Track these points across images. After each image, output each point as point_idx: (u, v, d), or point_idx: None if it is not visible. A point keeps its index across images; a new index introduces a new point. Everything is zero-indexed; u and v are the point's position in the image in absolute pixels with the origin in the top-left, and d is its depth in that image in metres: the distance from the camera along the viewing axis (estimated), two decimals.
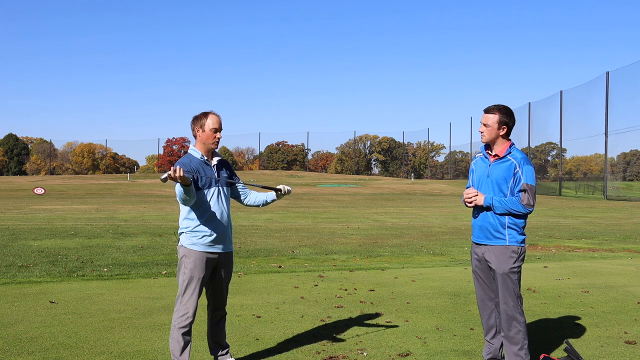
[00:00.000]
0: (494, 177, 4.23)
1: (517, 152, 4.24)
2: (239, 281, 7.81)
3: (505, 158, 4.23)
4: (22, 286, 7.45)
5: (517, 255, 4.18)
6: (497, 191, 4.20)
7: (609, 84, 43.98)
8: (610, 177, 49.03)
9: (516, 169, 4.16)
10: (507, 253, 4.18)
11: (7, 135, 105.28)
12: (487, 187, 4.26)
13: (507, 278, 4.16)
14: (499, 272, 4.18)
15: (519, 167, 4.15)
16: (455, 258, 10.91)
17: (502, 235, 4.19)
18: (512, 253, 4.18)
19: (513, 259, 4.17)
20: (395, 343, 4.98)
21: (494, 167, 4.25)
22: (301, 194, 44.36)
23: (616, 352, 4.77)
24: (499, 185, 4.20)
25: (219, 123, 4.25)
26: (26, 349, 4.73)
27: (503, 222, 4.19)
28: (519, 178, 4.15)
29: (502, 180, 4.19)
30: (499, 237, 4.20)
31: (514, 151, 4.25)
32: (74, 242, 12.68)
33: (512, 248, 4.18)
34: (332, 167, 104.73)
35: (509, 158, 4.22)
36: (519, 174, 4.15)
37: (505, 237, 4.19)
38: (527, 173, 4.14)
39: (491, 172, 4.26)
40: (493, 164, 4.27)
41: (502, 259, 4.18)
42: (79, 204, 29.82)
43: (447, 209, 27.94)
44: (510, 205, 4.13)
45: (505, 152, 4.25)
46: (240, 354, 4.67)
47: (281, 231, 15.91)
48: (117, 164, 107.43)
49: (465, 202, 4.36)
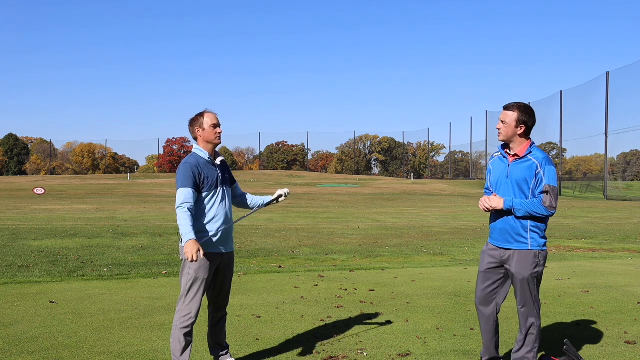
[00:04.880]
0: (514, 178, 4.05)
1: (538, 152, 4.05)
2: (239, 281, 7.81)
3: (526, 158, 4.04)
4: (22, 286, 7.45)
5: (538, 260, 4.05)
6: (518, 192, 4.03)
7: (609, 83, 44.00)
8: (610, 177, 49.02)
9: (538, 170, 3.97)
10: (530, 258, 4.03)
11: (7, 135, 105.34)
12: (506, 188, 4.08)
13: (527, 283, 4.03)
14: (519, 277, 4.03)
15: (541, 167, 3.97)
16: (455, 258, 10.91)
17: (525, 239, 4.04)
18: (534, 258, 4.03)
19: (535, 264, 4.03)
20: (395, 343, 4.98)
21: (514, 167, 4.07)
22: (301, 194, 44.35)
23: (616, 352, 4.76)
24: (519, 186, 4.03)
25: (217, 119, 4.25)
26: (26, 349, 4.73)
27: (525, 225, 4.03)
28: (541, 179, 3.96)
29: (522, 181, 4.02)
30: (521, 240, 4.04)
31: (534, 151, 4.06)
32: (74, 242, 12.68)
33: (534, 252, 4.03)
34: (332, 167, 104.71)
35: (529, 158, 4.02)
36: (540, 175, 3.96)
37: (528, 241, 4.03)
38: (550, 174, 3.96)
39: (511, 172, 4.08)
40: (512, 164, 4.08)
41: (524, 265, 4.03)
42: (79, 204, 29.81)
43: (447, 209, 27.94)
44: (532, 208, 3.95)
45: (525, 152, 4.05)
46: (240, 354, 4.67)
47: (281, 231, 15.91)
48: (117, 164, 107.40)
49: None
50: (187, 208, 3.98)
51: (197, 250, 3.84)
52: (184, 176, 4.06)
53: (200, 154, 4.23)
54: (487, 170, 4.39)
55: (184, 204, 3.99)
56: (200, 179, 4.11)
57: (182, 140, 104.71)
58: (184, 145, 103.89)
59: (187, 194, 4.02)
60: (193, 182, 4.05)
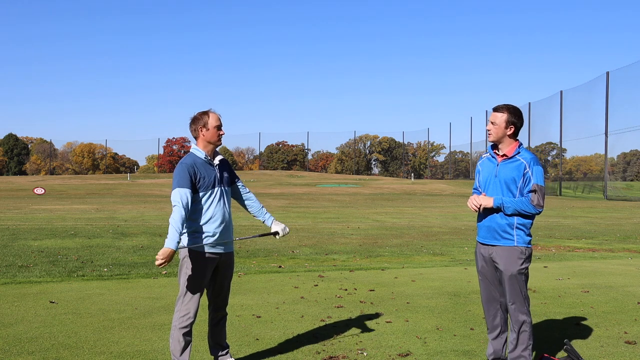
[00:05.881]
0: (502, 177, 4.19)
1: (526, 153, 4.20)
2: (239, 281, 7.81)
3: (514, 158, 4.19)
4: (22, 286, 7.46)
5: (525, 257, 4.16)
6: (506, 191, 4.16)
7: (609, 84, 43.96)
8: (610, 177, 49.03)
9: (526, 169, 4.12)
10: (516, 254, 4.15)
11: (7, 135, 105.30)
12: (495, 187, 4.22)
13: (515, 279, 4.14)
14: (507, 273, 4.15)
15: (529, 167, 4.12)
16: (455, 258, 10.91)
17: (510, 236, 4.16)
18: (520, 254, 4.15)
19: (521, 260, 4.15)
20: (395, 343, 4.98)
21: (503, 167, 4.21)
22: (301, 194, 44.35)
23: (616, 352, 4.77)
24: (507, 186, 4.16)
25: (220, 120, 4.26)
26: (26, 349, 4.73)
27: (511, 222, 4.15)
28: (529, 178, 4.11)
29: (510, 181, 4.15)
30: (507, 237, 4.17)
31: (523, 151, 4.21)
32: (74, 242, 12.68)
33: (520, 249, 4.15)
34: (332, 167, 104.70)
35: (518, 158, 4.18)
36: (528, 174, 4.12)
37: (514, 238, 4.16)
38: (537, 174, 4.11)
39: (499, 172, 4.22)
40: (501, 164, 4.23)
41: (511, 261, 4.15)
42: (79, 204, 29.81)
43: (447, 209, 27.94)
44: (520, 206, 4.09)
45: (514, 152, 4.21)
46: (240, 354, 4.67)
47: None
48: (117, 164, 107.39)
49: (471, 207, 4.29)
50: (181, 209, 4.01)
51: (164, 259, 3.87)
52: (179, 176, 4.09)
53: (197, 154, 4.23)
54: (476, 170, 4.50)
55: (177, 204, 4.02)
56: (196, 179, 4.12)
57: (182, 140, 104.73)
58: (184, 145, 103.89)
59: (182, 194, 4.04)
60: (189, 183, 4.07)
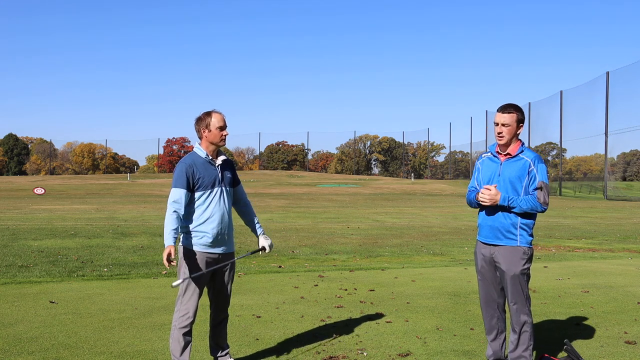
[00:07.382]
0: (507, 176, 4.17)
1: (529, 152, 4.21)
2: (239, 281, 7.81)
3: (519, 157, 4.19)
4: (22, 286, 7.46)
5: (527, 257, 4.15)
6: (511, 190, 4.15)
7: (609, 83, 43.94)
8: (610, 177, 49.03)
9: (531, 167, 4.13)
10: (518, 254, 4.13)
11: (7, 135, 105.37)
12: (499, 186, 4.19)
13: (517, 279, 4.13)
14: (509, 273, 4.13)
15: (534, 165, 4.13)
16: (455, 258, 10.91)
17: (514, 236, 4.15)
18: (523, 254, 4.14)
19: (524, 260, 4.14)
20: (395, 343, 4.98)
21: (507, 166, 4.20)
22: (301, 194, 44.35)
23: (616, 352, 4.77)
24: (512, 184, 4.15)
25: (224, 121, 4.25)
26: (26, 349, 4.73)
27: (515, 222, 4.14)
28: (534, 176, 4.12)
29: (516, 179, 4.14)
30: (511, 237, 4.15)
31: (526, 150, 4.22)
32: (74, 242, 12.68)
33: (523, 249, 4.14)
34: (332, 167, 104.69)
35: (522, 157, 4.18)
36: (533, 172, 4.12)
37: (517, 238, 4.14)
38: (542, 171, 4.13)
39: (503, 170, 4.20)
40: (505, 163, 4.22)
41: (513, 261, 4.13)
42: (79, 204, 29.81)
43: (447, 209, 27.94)
44: (528, 204, 4.09)
45: (517, 151, 4.21)
46: (240, 354, 4.67)
47: (281, 231, 15.91)
48: (117, 164, 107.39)
49: (479, 200, 4.20)
50: (175, 209, 4.06)
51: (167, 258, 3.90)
52: (177, 176, 4.14)
53: (198, 153, 4.24)
54: (475, 169, 4.47)
55: (173, 204, 4.08)
56: (194, 179, 4.13)
57: (182, 140, 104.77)
58: (184, 145, 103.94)
59: (178, 194, 4.08)
60: (186, 183, 4.09)
